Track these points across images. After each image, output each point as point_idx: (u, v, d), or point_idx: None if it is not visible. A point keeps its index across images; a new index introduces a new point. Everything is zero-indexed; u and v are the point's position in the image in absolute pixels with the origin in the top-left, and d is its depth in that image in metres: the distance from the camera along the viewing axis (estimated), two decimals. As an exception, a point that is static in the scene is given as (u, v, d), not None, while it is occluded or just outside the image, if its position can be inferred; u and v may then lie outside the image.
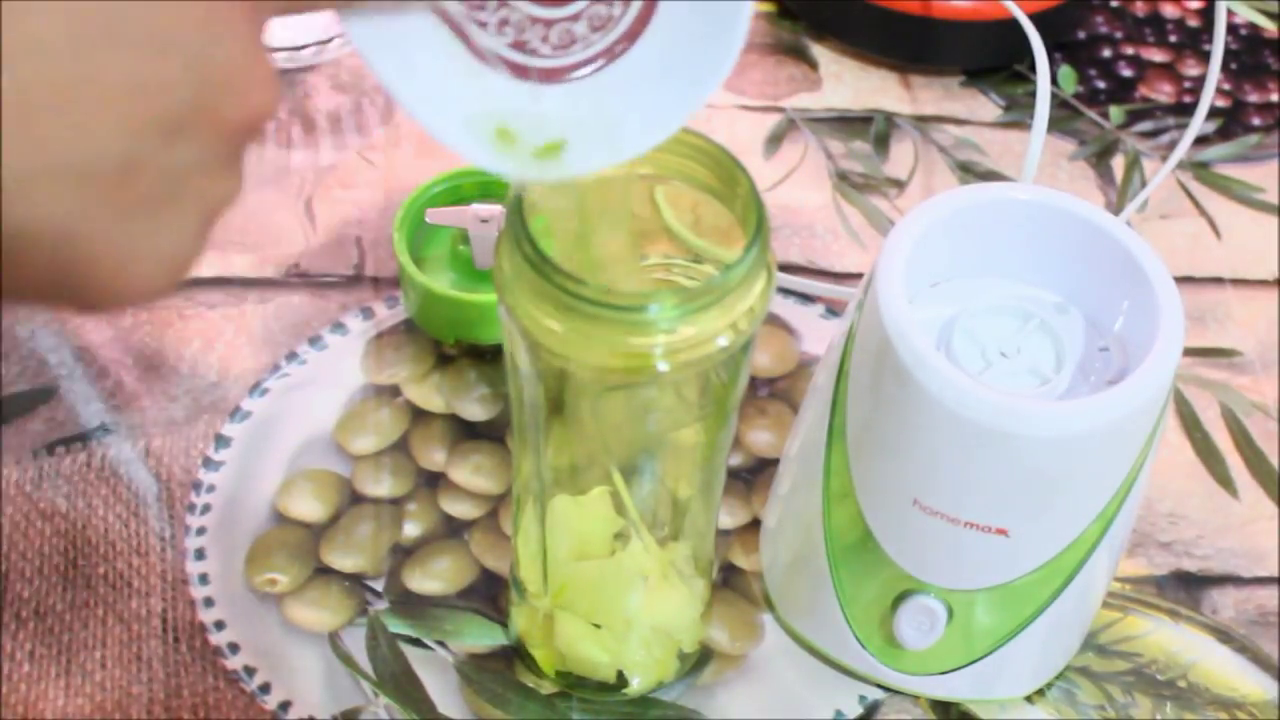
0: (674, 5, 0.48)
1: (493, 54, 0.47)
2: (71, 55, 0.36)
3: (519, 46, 0.47)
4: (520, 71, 0.48)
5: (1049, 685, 0.65)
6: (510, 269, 0.50)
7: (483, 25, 0.47)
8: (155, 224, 0.39)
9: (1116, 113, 0.88)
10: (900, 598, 0.61)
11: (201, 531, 0.68)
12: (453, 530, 0.69)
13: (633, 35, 0.48)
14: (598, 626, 0.61)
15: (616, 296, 0.49)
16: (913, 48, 0.89)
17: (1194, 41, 0.92)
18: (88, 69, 0.36)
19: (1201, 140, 0.86)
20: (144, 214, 0.38)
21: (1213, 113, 0.87)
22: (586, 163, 0.47)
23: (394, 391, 0.73)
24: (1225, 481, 0.73)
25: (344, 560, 0.68)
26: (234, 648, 0.65)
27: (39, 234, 0.37)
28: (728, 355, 0.51)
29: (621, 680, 0.63)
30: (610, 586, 0.60)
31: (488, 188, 0.75)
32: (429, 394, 0.73)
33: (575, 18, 0.47)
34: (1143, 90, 0.90)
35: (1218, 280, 0.81)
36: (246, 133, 0.41)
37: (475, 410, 0.73)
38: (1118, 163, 0.86)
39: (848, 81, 0.89)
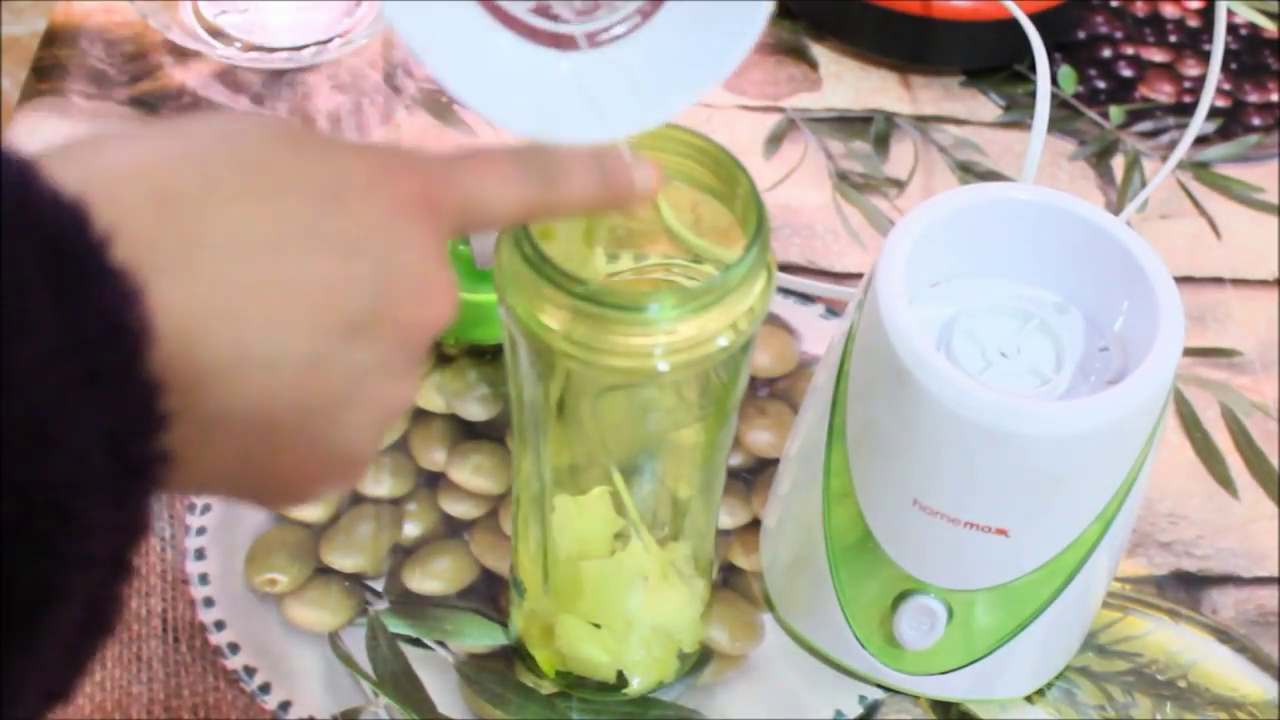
0: None
1: (516, 19, 0.47)
2: (270, 254, 0.38)
3: (542, 12, 0.47)
4: (543, 37, 0.47)
5: (1049, 685, 0.65)
6: (510, 269, 0.50)
7: None
8: (334, 420, 0.40)
9: (1116, 113, 0.88)
10: (900, 598, 0.61)
11: (201, 531, 0.68)
12: (453, 530, 0.69)
13: None
14: (598, 626, 0.61)
15: (616, 296, 0.49)
16: (913, 48, 0.89)
17: (1194, 41, 0.92)
18: (284, 267, 0.38)
19: (1201, 140, 0.86)
20: (324, 409, 0.40)
21: (1213, 113, 0.87)
22: (618, 127, 0.47)
23: (394, 391, 0.73)
24: (1225, 481, 0.73)
25: (344, 560, 0.68)
26: (234, 648, 0.65)
27: (225, 423, 0.38)
28: (728, 355, 0.51)
29: (621, 680, 0.63)
30: (610, 586, 0.60)
31: (488, 188, 0.75)
32: (429, 394, 0.73)
33: None
34: (1143, 90, 0.90)
35: (1218, 280, 0.80)
36: (423, 338, 0.42)
37: (475, 410, 0.73)
38: (1118, 163, 0.86)
39: (848, 81, 0.89)
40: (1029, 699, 0.65)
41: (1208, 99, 0.83)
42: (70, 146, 0.37)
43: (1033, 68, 0.82)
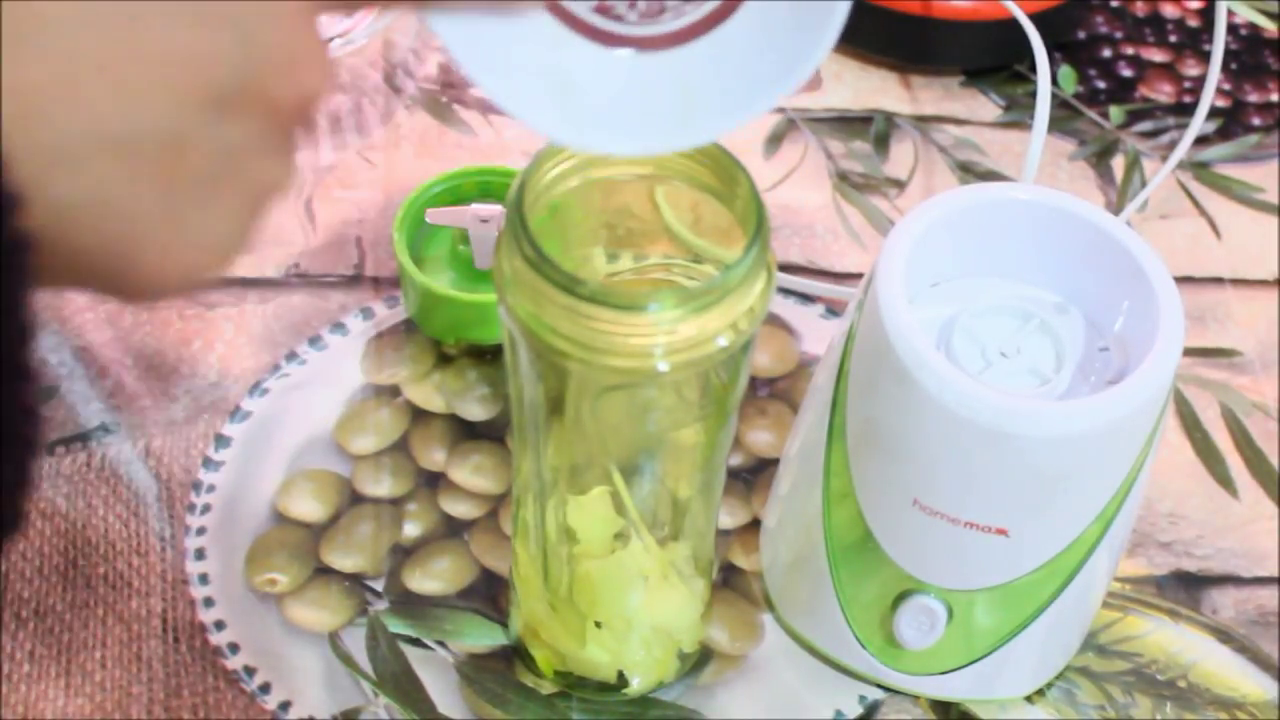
0: None
1: (575, 17, 0.45)
2: (122, 23, 0.36)
3: (604, 12, 0.46)
4: (602, 38, 0.46)
5: (1049, 685, 0.65)
6: (510, 269, 0.50)
7: None
8: (201, 204, 0.38)
9: (1116, 113, 0.88)
10: (900, 598, 0.61)
11: (201, 531, 0.68)
12: (453, 530, 0.69)
13: (728, 9, 0.46)
14: (598, 626, 0.61)
15: (616, 296, 0.49)
16: (913, 48, 0.89)
17: (1194, 41, 0.92)
18: (137, 37, 0.36)
19: (1201, 140, 0.86)
20: (190, 193, 0.38)
21: (1213, 113, 0.87)
22: (665, 141, 0.46)
23: (394, 391, 0.73)
24: (1225, 481, 0.73)
25: (344, 560, 0.68)
26: (234, 648, 0.65)
27: (82, 206, 0.36)
28: (728, 355, 0.51)
29: (621, 680, 0.63)
30: (610, 586, 0.60)
31: (488, 188, 0.75)
32: (429, 394, 0.73)
33: None
34: (1143, 90, 0.90)
35: (1218, 280, 0.80)
36: (296, 114, 0.40)
37: (475, 410, 0.73)
38: (1118, 163, 0.86)
39: (848, 81, 0.89)
40: (1029, 699, 0.65)
41: (1208, 99, 0.83)
42: None
43: (1033, 68, 0.82)
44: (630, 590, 0.61)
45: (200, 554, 0.68)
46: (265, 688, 0.64)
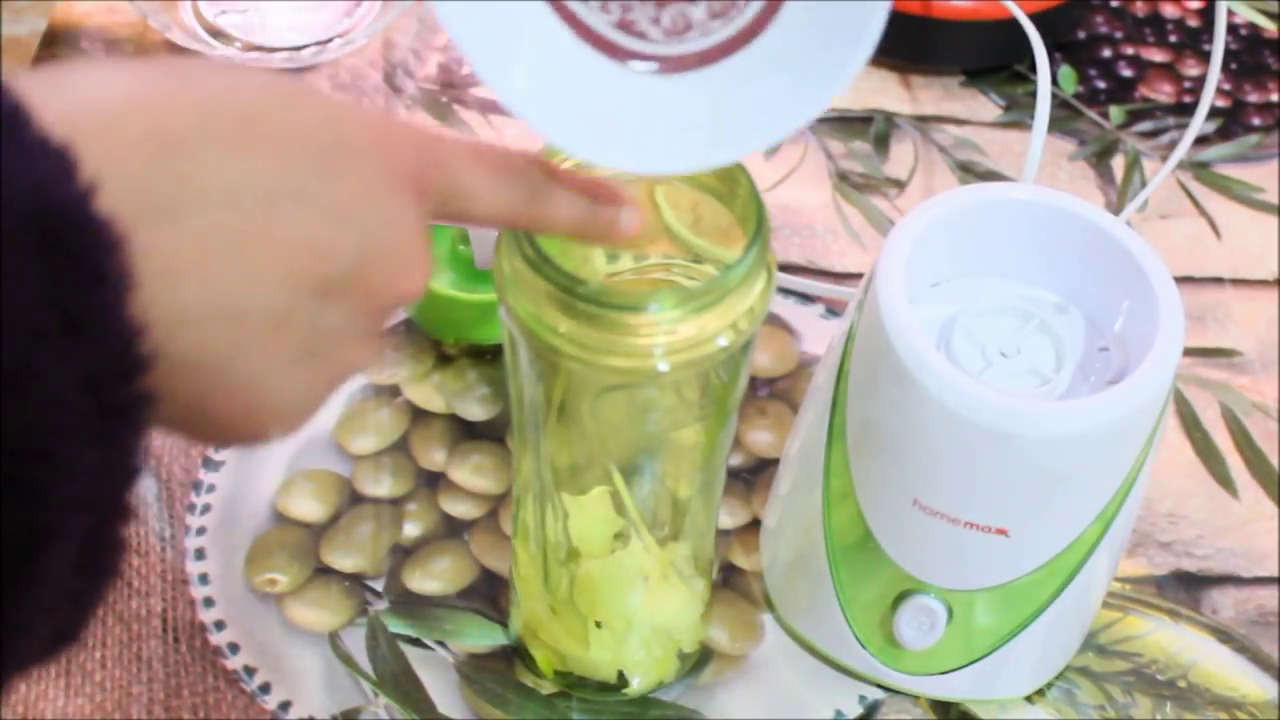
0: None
1: (594, 32, 0.45)
2: (260, 209, 0.39)
3: (625, 27, 0.45)
4: (625, 55, 0.45)
5: (1049, 685, 0.65)
6: (510, 269, 0.50)
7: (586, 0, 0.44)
8: (290, 376, 0.41)
9: (1116, 113, 0.88)
10: (900, 598, 0.61)
11: (201, 531, 0.68)
12: (453, 530, 0.69)
13: (757, 28, 0.45)
14: (598, 626, 0.61)
15: (616, 296, 0.49)
16: (913, 48, 0.89)
17: (1194, 41, 0.92)
18: (272, 224, 0.39)
19: (1201, 140, 0.86)
20: (285, 364, 0.41)
21: (1213, 113, 0.87)
22: (692, 161, 0.46)
23: (394, 391, 0.73)
24: (1225, 481, 0.73)
25: (344, 560, 0.68)
26: (234, 648, 0.65)
27: (188, 366, 0.38)
28: (728, 355, 0.51)
29: (621, 680, 0.63)
30: (610, 586, 0.60)
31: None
32: (429, 394, 0.73)
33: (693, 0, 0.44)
34: (1143, 90, 0.90)
35: (1218, 280, 0.80)
36: (390, 307, 0.43)
37: (475, 410, 0.73)
38: (1118, 163, 0.86)
39: (848, 81, 0.89)
40: (1029, 699, 0.65)
41: (1208, 99, 0.83)
42: (65, 77, 0.37)
43: (1033, 68, 0.82)
44: (630, 590, 0.61)
45: (200, 554, 0.68)
46: (265, 688, 0.64)
